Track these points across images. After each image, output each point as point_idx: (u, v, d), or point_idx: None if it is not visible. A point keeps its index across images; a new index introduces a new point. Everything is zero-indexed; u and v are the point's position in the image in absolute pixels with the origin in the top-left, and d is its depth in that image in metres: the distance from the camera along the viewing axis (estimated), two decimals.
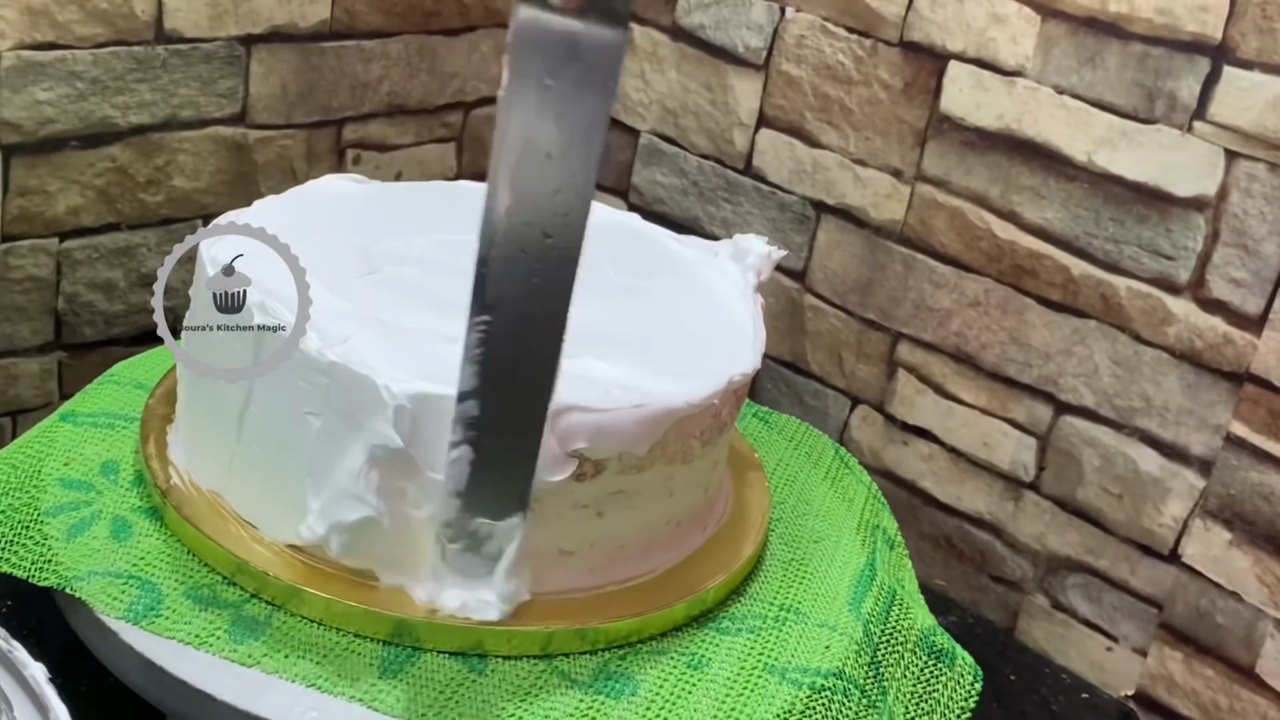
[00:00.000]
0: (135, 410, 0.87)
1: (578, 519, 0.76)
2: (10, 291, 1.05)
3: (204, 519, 0.78)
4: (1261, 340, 0.95)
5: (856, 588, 0.86)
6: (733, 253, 0.93)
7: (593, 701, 0.73)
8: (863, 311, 1.17)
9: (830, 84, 1.15)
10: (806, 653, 0.79)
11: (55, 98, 1.02)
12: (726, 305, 0.88)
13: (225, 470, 0.79)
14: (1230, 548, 0.98)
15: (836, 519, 0.94)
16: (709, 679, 0.76)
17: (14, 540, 0.77)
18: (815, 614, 0.83)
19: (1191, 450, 1.00)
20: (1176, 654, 1.02)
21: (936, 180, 1.11)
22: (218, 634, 0.73)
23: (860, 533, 0.93)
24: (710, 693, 0.75)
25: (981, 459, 1.12)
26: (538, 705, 0.72)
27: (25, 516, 0.78)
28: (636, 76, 1.28)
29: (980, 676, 0.87)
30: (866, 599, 0.86)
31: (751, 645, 0.79)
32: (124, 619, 0.72)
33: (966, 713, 0.85)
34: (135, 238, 1.10)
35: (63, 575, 0.74)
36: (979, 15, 1.05)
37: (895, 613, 0.87)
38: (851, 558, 0.90)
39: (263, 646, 0.72)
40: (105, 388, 0.92)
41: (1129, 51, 0.99)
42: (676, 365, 0.80)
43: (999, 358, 1.09)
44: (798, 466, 0.99)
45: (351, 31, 1.17)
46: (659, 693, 0.75)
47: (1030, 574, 1.10)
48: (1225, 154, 0.95)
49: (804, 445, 1.02)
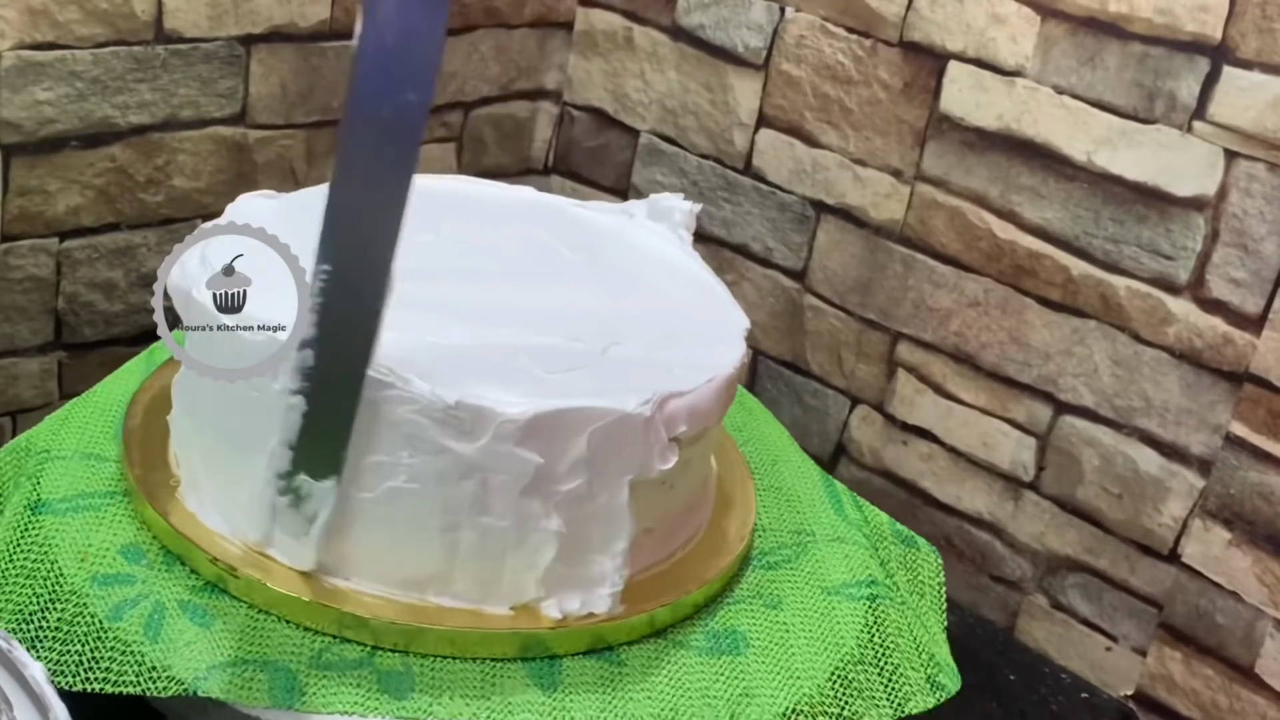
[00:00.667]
0: (107, 483, 0.82)
1: (659, 497, 0.79)
2: (10, 291, 1.05)
3: (286, 582, 0.76)
4: (1261, 340, 0.95)
5: (829, 496, 0.94)
6: (651, 212, 0.96)
7: (722, 663, 0.77)
8: (862, 311, 1.17)
9: (830, 84, 1.15)
10: (840, 570, 0.87)
11: (55, 97, 1.02)
12: (684, 268, 0.92)
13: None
14: (1230, 547, 0.98)
15: (772, 441, 1.00)
16: (791, 615, 0.82)
17: (97, 656, 0.72)
18: (820, 531, 0.90)
19: (1191, 450, 1.00)
20: (1176, 654, 1.02)
21: (936, 180, 1.11)
22: (373, 696, 0.72)
23: (793, 444, 1.01)
24: (803, 629, 0.81)
25: (981, 459, 1.12)
26: (686, 677, 0.76)
27: (87, 627, 0.73)
28: (636, 76, 1.28)
29: (937, 553, 0.96)
30: (842, 505, 0.93)
31: (797, 575, 0.86)
32: (273, 706, 0.70)
33: (942, 588, 0.94)
34: (135, 237, 1.10)
35: (181, 681, 0.70)
36: (978, 15, 1.05)
37: (866, 512, 0.95)
38: (806, 469, 0.98)
39: (423, 696, 0.72)
40: (54, 467, 0.83)
41: (1129, 51, 0.99)
42: (694, 335, 0.84)
43: (999, 357, 1.09)
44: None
45: (351, 31, 1.17)
46: (766, 639, 0.80)
47: (1030, 574, 1.10)
48: (1225, 154, 0.95)
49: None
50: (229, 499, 0.78)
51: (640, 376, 0.76)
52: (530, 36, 1.30)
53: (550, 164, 1.37)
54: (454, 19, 1.23)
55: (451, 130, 1.28)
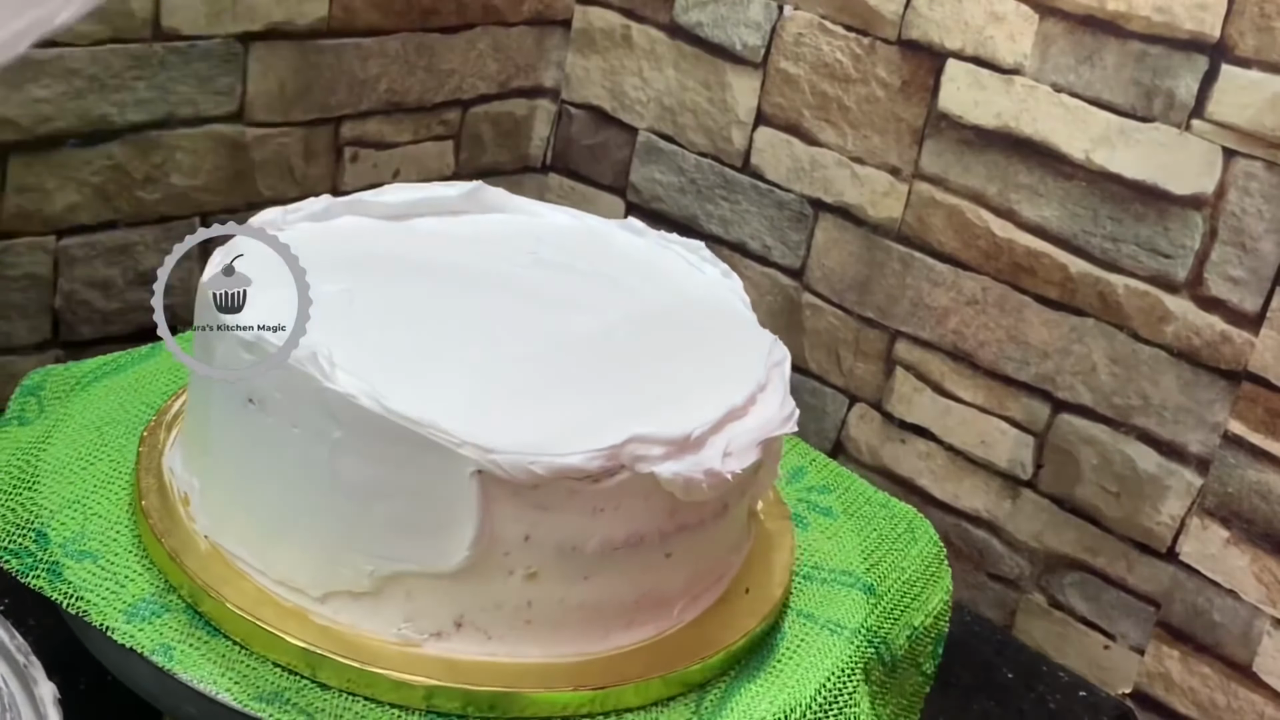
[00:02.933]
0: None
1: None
2: (8, 289, 1.05)
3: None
4: (1259, 339, 0.96)
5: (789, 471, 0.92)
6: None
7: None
8: (860, 310, 1.17)
9: (828, 82, 1.15)
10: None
11: (53, 95, 1.01)
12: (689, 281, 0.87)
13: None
14: (1227, 546, 0.99)
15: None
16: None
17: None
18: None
19: (1189, 448, 1.00)
20: (1174, 652, 1.02)
21: (934, 178, 1.11)
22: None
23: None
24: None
25: (979, 457, 1.12)
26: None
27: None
28: (634, 74, 1.28)
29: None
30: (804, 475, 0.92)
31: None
32: None
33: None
34: (133, 235, 1.10)
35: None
36: (977, 13, 1.05)
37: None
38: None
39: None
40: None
41: (1127, 50, 0.99)
42: (743, 357, 0.80)
43: (997, 356, 1.09)
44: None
45: (349, 29, 1.17)
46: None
47: (1028, 572, 1.11)
48: (1223, 152, 0.96)
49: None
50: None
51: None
52: (528, 34, 1.30)
53: (548, 162, 1.37)
54: (452, 16, 1.23)
55: (450, 128, 1.28)
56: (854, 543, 0.87)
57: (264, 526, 0.72)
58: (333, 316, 0.71)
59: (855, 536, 0.87)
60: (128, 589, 0.72)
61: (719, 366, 0.78)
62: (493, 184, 1.02)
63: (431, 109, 1.26)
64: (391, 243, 0.85)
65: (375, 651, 0.69)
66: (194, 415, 0.79)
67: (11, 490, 0.78)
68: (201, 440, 0.76)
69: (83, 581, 0.72)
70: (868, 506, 0.91)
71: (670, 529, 0.71)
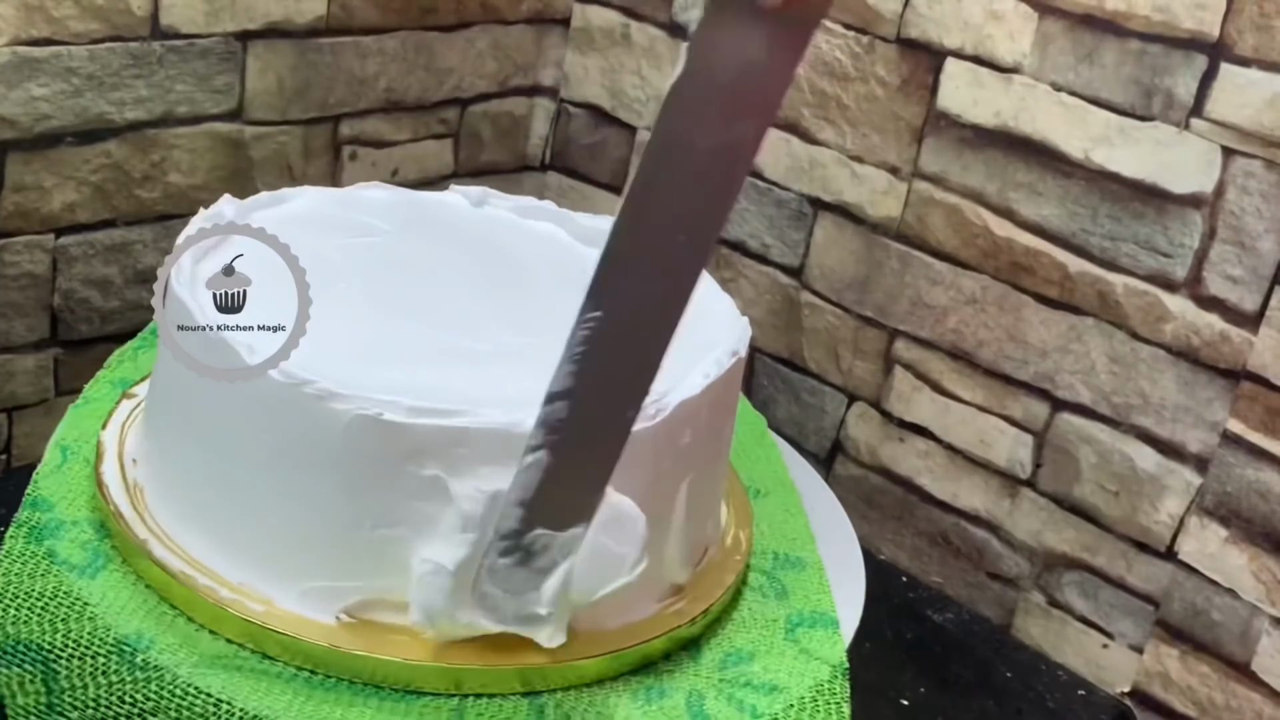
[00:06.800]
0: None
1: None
2: (6, 288, 1.05)
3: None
4: (1258, 337, 0.96)
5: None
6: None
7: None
8: (859, 308, 1.17)
9: (827, 81, 1.15)
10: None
11: (51, 94, 1.01)
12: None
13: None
14: (1226, 545, 0.99)
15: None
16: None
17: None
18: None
19: (1188, 447, 1.00)
20: (1173, 651, 1.02)
21: (933, 177, 1.11)
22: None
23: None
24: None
25: (978, 456, 1.12)
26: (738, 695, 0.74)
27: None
28: (634, 73, 1.28)
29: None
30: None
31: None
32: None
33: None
34: (131, 234, 1.10)
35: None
36: (976, 12, 1.05)
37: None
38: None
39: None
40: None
41: (1126, 48, 0.99)
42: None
43: (996, 355, 1.09)
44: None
45: (348, 28, 1.17)
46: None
47: (1027, 571, 1.11)
48: (1222, 151, 0.96)
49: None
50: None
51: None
52: (527, 33, 1.30)
53: (547, 161, 1.37)
54: (450, 15, 1.23)
55: (448, 127, 1.28)
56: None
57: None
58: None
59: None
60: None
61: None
62: (492, 183, 1.03)
63: (430, 108, 1.26)
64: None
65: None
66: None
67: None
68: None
69: None
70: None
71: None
